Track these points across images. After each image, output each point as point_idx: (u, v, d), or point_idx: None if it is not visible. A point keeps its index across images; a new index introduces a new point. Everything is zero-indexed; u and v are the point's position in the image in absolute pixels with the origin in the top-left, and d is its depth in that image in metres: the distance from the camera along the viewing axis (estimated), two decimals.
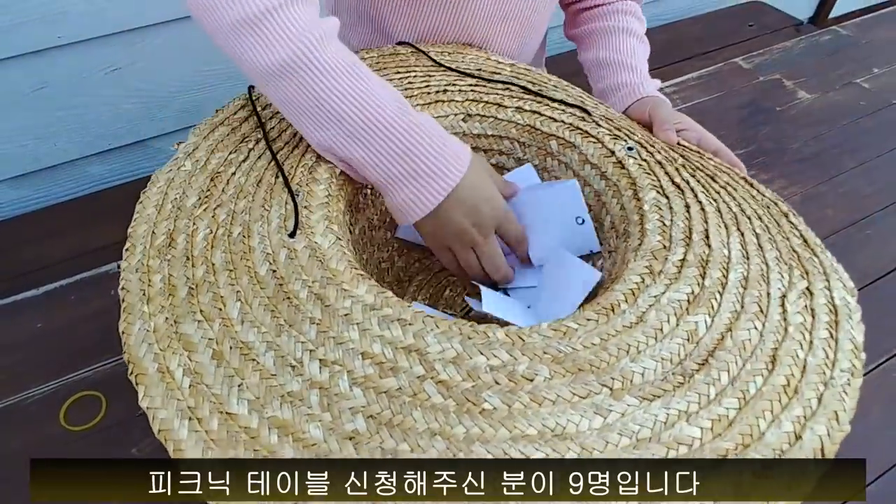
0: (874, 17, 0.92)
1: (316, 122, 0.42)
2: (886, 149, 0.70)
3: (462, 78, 0.53)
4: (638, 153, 0.47)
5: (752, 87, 0.79)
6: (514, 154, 0.52)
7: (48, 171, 1.05)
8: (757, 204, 0.45)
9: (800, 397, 0.32)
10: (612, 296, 0.37)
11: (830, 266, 0.40)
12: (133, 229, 0.41)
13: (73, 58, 0.94)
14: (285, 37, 0.40)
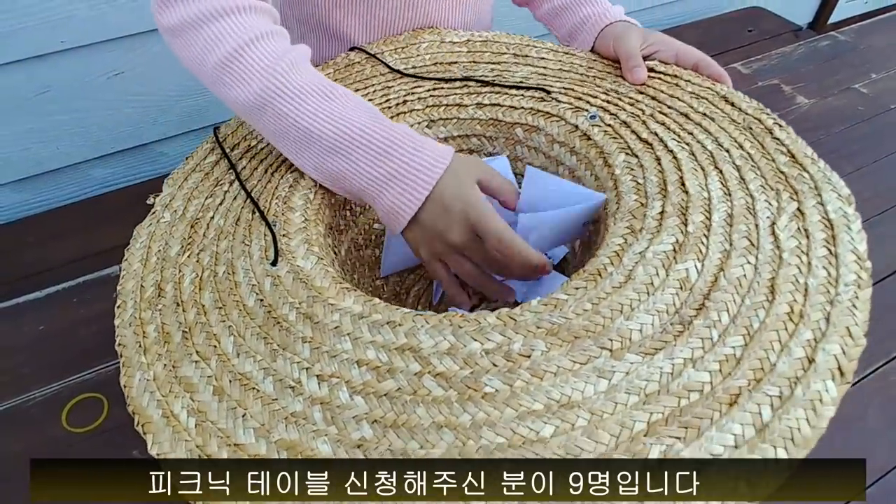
0: (872, 22, 0.92)
1: (297, 145, 0.43)
2: (884, 153, 0.70)
3: (420, 83, 0.54)
4: (601, 119, 0.47)
5: (751, 92, 0.78)
6: (483, 150, 0.52)
7: (50, 175, 1.06)
8: (738, 128, 0.44)
9: (806, 321, 0.31)
10: (597, 261, 0.37)
11: (823, 177, 0.39)
12: (122, 286, 0.41)
13: (76, 62, 0.96)
14: (258, 71, 0.42)
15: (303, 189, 0.45)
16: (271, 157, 0.49)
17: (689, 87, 0.49)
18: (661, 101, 0.48)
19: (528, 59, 0.56)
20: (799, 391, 0.29)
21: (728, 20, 1.44)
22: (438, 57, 0.57)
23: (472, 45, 0.58)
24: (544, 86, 0.51)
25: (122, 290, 0.41)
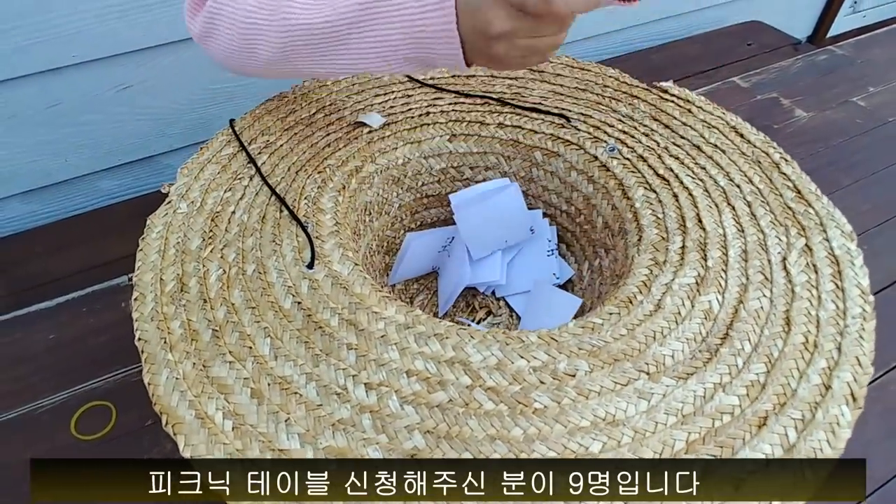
0: (870, 36, 0.98)
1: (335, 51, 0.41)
2: (882, 166, 0.73)
3: (440, 95, 0.55)
4: (620, 152, 0.49)
5: (750, 105, 0.82)
6: (499, 168, 0.54)
7: (58, 186, 1.05)
8: (747, 161, 0.48)
9: (820, 350, 0.35)
10: (627, 289, 0.39)
11: (827, 214, 0.43)
12: (139, 277, 0.40)
13: (86, 76, 0.95)
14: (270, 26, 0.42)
15: (331, 191, 0.45)
16: (293, 154, 0.49)
17: (701, 115, 0.53)
18: (674, 130, 0.51)
19: (545, 76, 0.58)
20: (819, 415, 0.32)
21: (727, 34, 1.52)
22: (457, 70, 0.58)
23: None
24: (563, 111, 0.53)
25: (139, 282, 0.39)
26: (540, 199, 0.54)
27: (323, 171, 0.47)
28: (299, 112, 0.53)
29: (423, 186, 0.53)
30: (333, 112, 0.54)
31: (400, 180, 0.52)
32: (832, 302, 0.38)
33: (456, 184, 0.54)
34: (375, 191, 0.50)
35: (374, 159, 0.49)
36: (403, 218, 0.54)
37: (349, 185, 0.47)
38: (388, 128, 0.52)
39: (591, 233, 0.50)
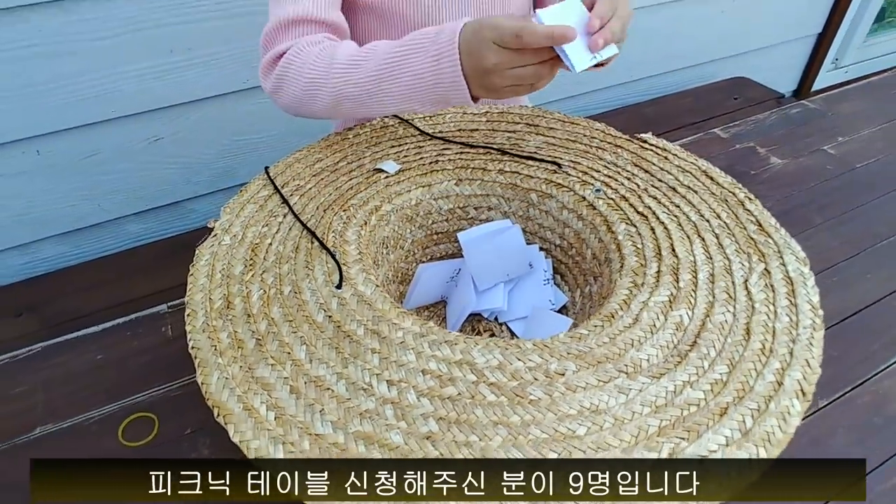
0: (839, 91, 1.07)
1: (372, 99, 0.55)
2: (850, 207, 0.80)
3: (447, 146, 0.63)
4: (605, 193, 0.57)
5: (729, 153, 0.90)
6: (500, 208, 0.61)
7: (90, 229, 1.14)
8: (716, 200, 0.55)
9: (775, 354, 0.41)
10: (609, 307, 0.45)
11: (784, 243, 0.50)
12: (190, 297, 0.46)
13: (123, 129, 1.05)
14: (317, 82, 0.56)
15: (354, 226, 0.52)
16: (320, 195, 0.56)
17: (676, 161, 0.60)
18: (652, 174, 0.58)
19: (539, 129, 0.66)
20: (772, 406, 0.37)
21: (716, 89, 1.63)
22: (462, 125, 0.67)
23: (491, 116, 0.68)
24: (556, 158, 0.61)
25: (190, 301, 0.46)
26: (536, 235, 0.61)
27: (347, 209, 0.54)
28: (325, 160, 0.61)
29: (433, 224, 0.61)
30: (354, 160, 0.62)
31: (413, 218, 0.59)
32: (786, 315, 0.44)
33: (462, 222, 0.61)
34: (392, 227, 0.57)
35: (391, 200, 0.57)
36: (416, 252, 0.61)
37: (369, 221, 0.54)
38: (403, 174, 0.60)
39: (581, 263, 0.57)
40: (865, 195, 0.83)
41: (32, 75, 0.94)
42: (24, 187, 1.04)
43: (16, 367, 0.59)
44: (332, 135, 0.65)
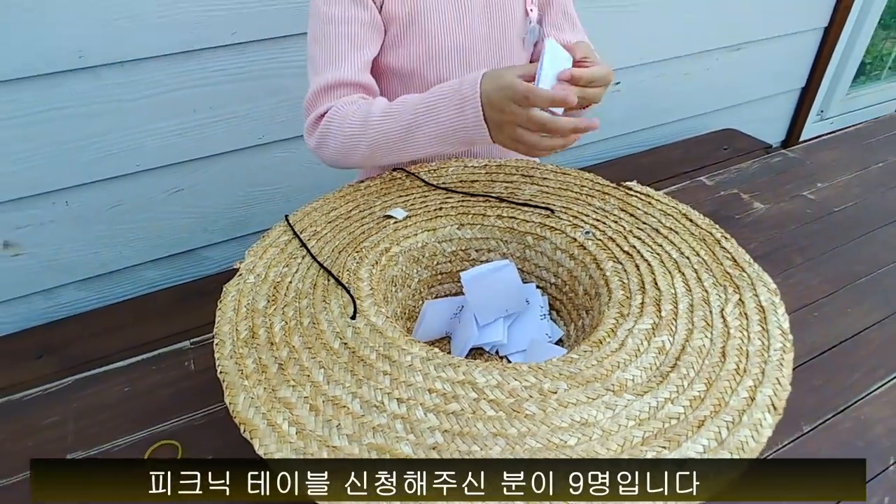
0: (817, 142, 1.15)
1: (406, 144, 0.65)
2: (830, 248, 0.86)
3: (450, 195, 0.69)
4: (594, 235, 0.62)
5: (714, 200, 0.97)
6: (499, 250, 0.67)
7: (110, 275, 1.20)
8: (695, 239, 0.60)
9: (749, 374, 0.45)
10: (597, 334, 0.50)
11: (756, 276, 0.55)
12: (218, 328, 0.51)
13: (146, 181, 1.13)
14: (363, 135, 0.66)
15: (366, 265, 0.58)
16: (335, 240, 0.62)
17: (659, 206, 0.66)
18: (637, 218, 0.64)
19: (534, 179, 0.72)
20: (745, 418, 0.41)
21: (706, 140, 1.71)
22: (463, 176, 0.73)
23: (490, 168, 0.75)
24: (549, 205, 0.67)
25: (218, 332, 0.51)
26: (533, 274, 0.66)
27: (360, 251, 0.60)
28: (339, 209, 0.67)
29: (438, 265, 0.66)
30: (366, 208, 0.68)
31: (419, 259, 0.64)
32: (759, 340, 0.48)
33: (464, 263, 0.67)
34: (400, 267, 0.62)
35: (399, 243, 0.62)
36: (422, 290, 0.66)
37: (380, 261, 0.59)
38: (410, 219, 0.65)
39: (574, 299, 0.62)
40: (843, 237, 0.89)
41: (65, 134, 1.02)
42: (52, 236, 1.10)
43: (49, 400, 0.64)
44: (345, 186, 0.71)
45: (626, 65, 1.53)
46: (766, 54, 1.78)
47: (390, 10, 0.72)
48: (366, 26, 0.71)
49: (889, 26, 2.33)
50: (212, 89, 1.09)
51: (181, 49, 1.02)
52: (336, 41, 0.70)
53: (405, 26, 0.73)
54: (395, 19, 0.73)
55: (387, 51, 0.75)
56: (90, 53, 0.96)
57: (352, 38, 0.70)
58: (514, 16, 0.78)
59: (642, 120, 1.68)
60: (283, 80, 1.13)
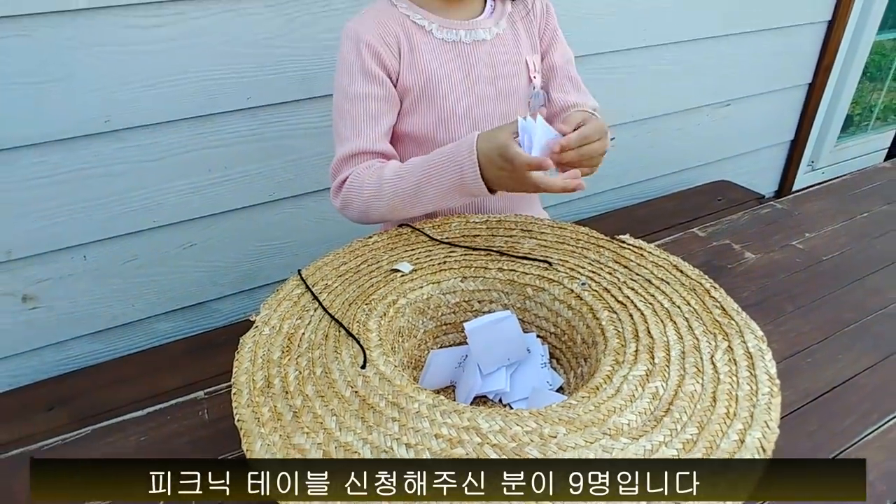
0: (805, 193, 1.20)
1: (417, 199, 0.74)
2: (819, 296, 0.89)
3: (454, 249, 0.73)
4: (589, 286, 0.66)
5: (706, 250, 1.00)
6: (501, 301, 0.70)
7: (122, 328, 1.23)
8: (686, 289, 0.63)
9: (738, 417, 0.47)
10: (594, 381, 0.53)
11: (744, 324, 0.58)
12: (235, 378, 0.54)
13: (161, 237, 1.18)
14: (379, 194, 0.75)
15: (375, 317, 0.61)
16: (345, 293, 0.65)
17: (651, 258, 0.69)
18: (631, 269, 0.68)
19: (532, 233, 0.76)
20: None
21: (701, 192, 1.76)
22: (465, 231, 0.77)
23: (490, 224, 0.79)
24: (547, 257, 0.71)
25: (236, 381, 0.54)
26: (533, 324, 0.69)
27: (369, 303, 0.63)
28: (349, 263, 0.71)
29: (443, 316, 0.69)
30: (374, 263, 0.71)
31: (425, 311, 0.68)
32: (747, 385, 0.51)
33: (467, 314, 0.70)
34: (407, 319, 0.66)
35: (406, 295, 0.66)
36: (427, 340, 0.69)
37: (388, 313, 0.63)
38: (416, 273, 0.69)
39: (573, 348, 0.65)
40: (831, 285, 0.92)
41: (88, 192, 1.07)
42: (69, 289, 1.14)
43: (66, 450, 0.66)
44: (354, 241, 0.76)
45: (620, 122, 1.60)
46: (755, 109, 1.86)
47: (405, 83, 0.80)
48: (382, 101, 0.79)
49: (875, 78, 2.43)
50: (226, 150, 1.15)
51: (199, 113, 1.09)
52: (355, 116, 0.78)
53: (419, 96, 0.81)
54: (409, 90, 0.80)
55: (403, 118, 0.83)
56: (115, 118, 1.03)
57: (369, 113, 0.78)
58: (518, 83, 0.85)
59: (637, 173, 1.75)
60: (293, 140, 1.19)
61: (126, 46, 0.98)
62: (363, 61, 0.77)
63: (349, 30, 0.79)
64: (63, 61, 0.96)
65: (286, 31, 1.09)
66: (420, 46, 0.79)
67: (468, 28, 0.81)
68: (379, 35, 0.78)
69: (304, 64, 1.13)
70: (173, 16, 0.99)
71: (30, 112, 0.97)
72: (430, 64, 0.79)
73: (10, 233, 1.05)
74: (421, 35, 0.80)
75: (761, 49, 1.74)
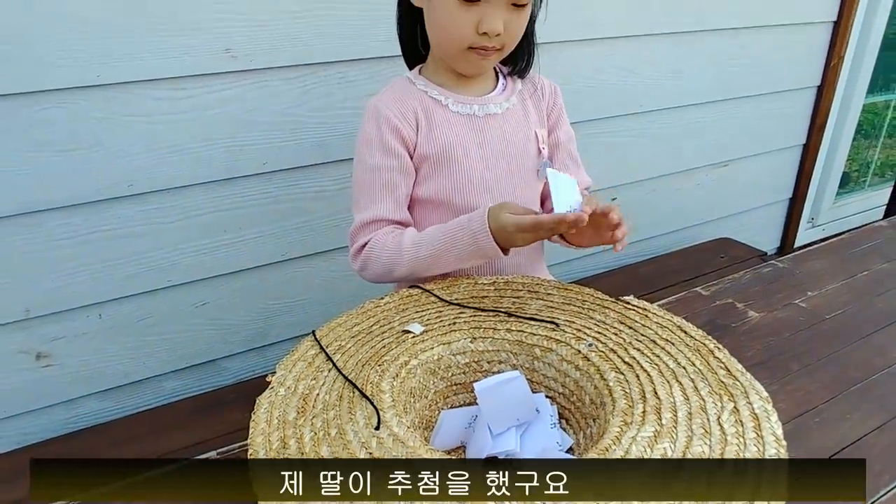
0: (804, 252, 1.22)
1: (435, 262, 0.80)
2: (825, 354, 0.90)
3: (463, 310, 0.75)
4: (596, 346, 0.67)
5: (710, 309, 1.02)
6: (509, 361, 0.72)
7: (131, 385, 1.24)
8: (690, 350, 0.65)
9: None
10: (604, 442, 0.54)
11: (749, 385, 0.59)
12: (252, 439, 0.55)
13: (175, 295, 1.21)
14: (398, 258, 0.81)
15: (388, 378, 0.63)
16: (358, 353, 0.67)
17: (655, 319, 0.71)
18: (636, 330, 0.69)
19: (539, 294, 0.78)
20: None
21: (703, 249, 1.78)
22: (474, 292, 0.80)
23: (498, 285, 0.81)
24: (554, 318, 0.73)
25: (252, 442, 0.55)
26: (542, 385, 0.70)
27: (381, 364, 0.65)
28: (361, 324, 0.74)
29: (453, 376, 0.71)
30: (386, 324, 0.74)
31: (435, 371, 0.69)
32: (754, 446, 0.52)
33: (477, 374, 0.71)
34: (418, 379, 0.67)
35: (417, 356, 0.68)
36: (438, 401, 0.70)
37: (400, 374, 0.64)
38: (427, 334, 0.71)
39: (581, 408, 0.66)
40: (836, 343, 0.93)
41: (107, 252, 1.11)
42: (82, 347, 1.16)
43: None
44: (367, 303, 0.78)
45: (620, 182, 1.65)
46: (753, 168, 1.92)
47: (423, 151, 0.85)
48: (398, 172, 0.85)
49: (870, 136, 2.50)
50: (242, 212, 1.19)
51: (218, 177, 1.14)
52: (372, 185, 0.84)
53: (435, 164, 0.86)
54: (427, 159, 0.86)
55: (421, 184, 0.88)
56: (139, 182, 1.08)
57: (386, 183, 0.84)
58: (528, 153, 0.91)
59: (639, 231, 1.78)
60: (306, 203, 1.24)
61: (153, 116, 1.04)
62: (382, 135, 0.83)
63: (371, 107, 0.86)
64: (93, 130, 1.02)
65: (303, 100, 1.15)
66: (437, 119, 0.85)
67: (481, 103, 0.87)
68: (398, 110, 0.84)
69: (318, 131, 1.19)
70: (199, 88, 1.06)
71: (58, 177, 1.02)
72: (446, 135, 0.85)
73: (30, 291, 1.08)
74: (438, 108, 0.86)
75: (756, 112, 1.81)
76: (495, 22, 0.76)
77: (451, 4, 0.76)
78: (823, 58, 1.85)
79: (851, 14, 1.80)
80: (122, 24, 0.97)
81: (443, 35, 0.81)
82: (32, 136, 0.98)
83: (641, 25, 1.49)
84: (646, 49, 1.53)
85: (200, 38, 1.03)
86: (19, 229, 1.02)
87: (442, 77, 0.87)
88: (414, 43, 0.89)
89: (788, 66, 1.80)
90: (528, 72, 0.92)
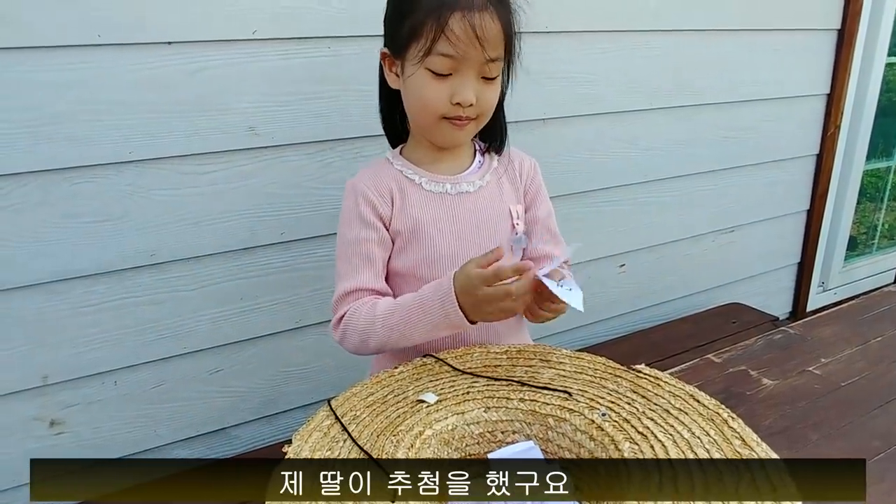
0: (815, 318, 1.24)
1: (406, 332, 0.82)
2: (844, 422, 0.90)
3: (476, 379, 0.76)
4: (610, 416, 0.68)
5: (724, 377, 1.02)
6: (523, 431, 0.72)
7: (140, 454, 1.22)
8: (704, 419, 0.65)
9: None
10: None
11: (766, 455, 0.59)
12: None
13: (189, 363, 1.21)
14: (372, 329, 0.83)
15: (403, 448, 0.63)
16: (373, 423, 0.68)
17: (668, 387, 0.72)
18: (649, 399, 0.70)
19: (551, 363, 0.79)
20: None
21: (715, 314, 1.77)
22: (487, 361, 0.81)
23: (510, 353, 0.82)
24: (567, 387, 0.73)
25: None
26: (556, 455, 0.70)
27: (396, 434, 0.66)
28: (376, 394, 0.74)
29: (467, 447, 0.71)
30: (400, 393, 0.75)
31: (450, 442, 0.70)
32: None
33: (491, 444, 0.71)
34: (433, 449, 0.67)
35: (431, 426, 0.68)
36: None
37: (415, 444, 0.65)
38: (441, 403, 0.72)
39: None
40: (854, 412, 0.92)
41: (126, 319, 1.13)
42: (95, 415, 1.16)
43: None
44: (382, 373, 0.79)
45: (628, 249, 1.68)
46: (759, 234, 1.94)
47: (396, 226, 0.90)
48: (375, 244, 0.89)
49: (875, 199, 2.54)
50: (258, 280, 1.22)
51: (238, 247, 1.18)
52: (352, 258, 0.89)
53: (407, 239, 0.90)
54: (400, 233, 0.90)
55: (394, 258, 0.92)
56: (160, 252, 1.11)
57: (365, 255, 0.89)
58: (500, 229, 0.94)
59: (648, 298, 1.79)
60: (321, 271, 1.27)
61: (179, 189, 1.09)
62: (360, 210, 0.89)
63: (349, 185, 0.92)
64: (121, 202, 1.06)
65: (322, 174, 1.20)
66: (410, 197, 0.90)
67: (454, 182, 0.92)
68: (374, 187, 0.90)
69: (335, 202, 1.23)
70: (223, 163, 1.11)
71: (86, 247, 1.06)
72: (418, 212, 0.90)
73: (49, 358, 1.10)
74: (411, 187, 0.91)
75: (759, 180, 1.85)
76: (467, 92, 0.81)
77: (425, 79, 0.82)
78: (820, 127, 1.91)
79: (844, 85, 1.87)
80: (155, 104, 1.04)
81: (419, 107, 0.86)
82: (65, 208, 1.03)
83: (642, 100, 1.56)
84: (648, 122, 1.60)
85: (225, 118, 1.10)
86: (48, 296, 1.05)
87: (420, 153, 0.93)
88: (394, 123, 0.96)
89: (786, 136, 1.86)
90: (504, 148, 0.97)
